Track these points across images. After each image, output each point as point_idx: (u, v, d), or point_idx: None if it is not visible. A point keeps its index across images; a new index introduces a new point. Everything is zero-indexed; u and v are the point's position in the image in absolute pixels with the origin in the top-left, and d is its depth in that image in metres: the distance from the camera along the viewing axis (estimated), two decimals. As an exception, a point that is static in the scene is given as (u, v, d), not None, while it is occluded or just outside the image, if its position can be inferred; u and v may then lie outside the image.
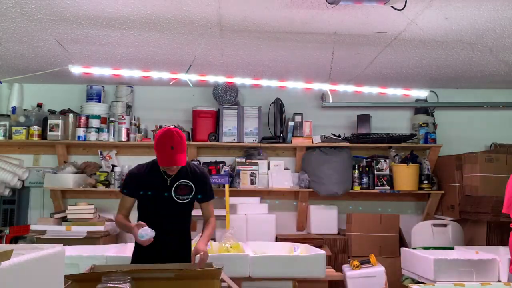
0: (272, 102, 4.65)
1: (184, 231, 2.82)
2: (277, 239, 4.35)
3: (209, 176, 2.97)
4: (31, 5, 2.76)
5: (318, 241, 4.13)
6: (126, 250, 3.53)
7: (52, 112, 4.52)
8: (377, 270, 3.72)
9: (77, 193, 4.51)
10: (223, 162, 4.58)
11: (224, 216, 4.07)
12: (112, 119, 4.47)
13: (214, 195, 2.93)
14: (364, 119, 4.67)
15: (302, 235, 4.56)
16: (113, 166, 4.54)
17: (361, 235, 4.27)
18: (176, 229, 2.77)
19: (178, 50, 3.58)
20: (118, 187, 4.43)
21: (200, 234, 2.87)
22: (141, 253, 2.70)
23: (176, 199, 2.73)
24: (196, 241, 3.33)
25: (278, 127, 4.56)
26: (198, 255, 2.58)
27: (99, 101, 4.58)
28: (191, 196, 2.77)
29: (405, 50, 3.57)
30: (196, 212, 2.90)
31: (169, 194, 2.72)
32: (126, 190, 2.78)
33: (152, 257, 2.58)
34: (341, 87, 3.85)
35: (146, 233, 2.47)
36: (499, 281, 3.20)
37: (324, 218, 4.54)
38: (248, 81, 3.79)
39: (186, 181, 2.76)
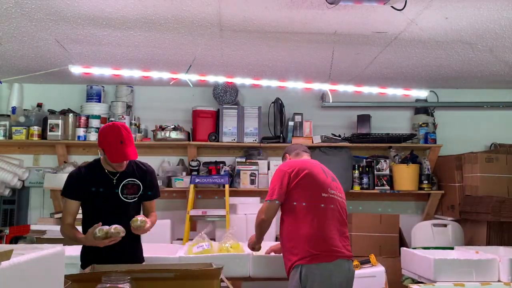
0: (272, 102, 4.65)
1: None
2: (277, 239, 4.34)
3: (155, 174, 2.88)
4: (31, 5, 2.76)
5: (318, 241, 4.13)
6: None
7: (52, 112, 4.52)
8: (377, 270, 3.71)
9: (77, 193, 4.51)
10: (223, 162, 4.58)
11: (224, 216, 4.07)
12: (112, 119, 4.48)
13: (159, 193, 2.86)
14: (364, 119, 4.67)
15: (302, 235, 4.56)
16: (113, 166, 4.54)
17: (361, 235, 4.27)
18: (124, 228, 2.55)
19: (178, 50, 3.58)
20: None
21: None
22: (90, 256, 2.59)
23: (124, 199, 2.64)
24: (195, 241, 3.34)
25: (278, 127, 4.56)
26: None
27: (99, 101, 4.59)
28: (138, 194, 2.69)
29: (405, 50, 3.57)
30: (195, 212, 2.88)
31: (116, 193, 2.62)
32: (69, 192, 2.61)
33: (102, 259, 2.43)
34: (341, 87, 3.85)
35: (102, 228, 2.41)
36: (499, 281, 3.19)
37: (324, 218, 4.53)
38: (248, 81, 3.79)
39: (133, 179, 2.68)
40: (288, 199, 2.75)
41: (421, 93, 4.10)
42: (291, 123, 4.50)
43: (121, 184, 2.64)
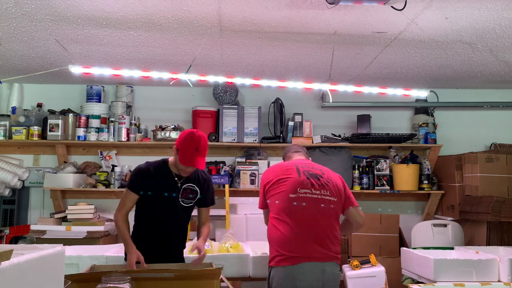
0: (272, 102, 4.65)
1: (182, 234, 2.85)
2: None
3: (212, 182, 2.99)
4: (31, 5, 2.76)
5: (318, 241, 4.12)
6: (126, 250, 3.53)
7: (52, 112, 4.52)
8: (377, 270, 3.71)
9: (77, 193, 4.52)
10: (223, 162, 4.58)
11: (224, 216, 4.07)
12: (112, 119, 4.47)
13: (215, 201, 2.98)
14: (364, 119, 4.67)
15: (302, 235, 4.56)
16: (113, 166, 4.54)
17: (361, 235, 4.26)
18: (176, 231, 2.77)
19: (178, 50, 3.58)
20: (118, 187, 4.43)
21: (197, 233, 2.91)
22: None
23: (181, 202, 2.74)
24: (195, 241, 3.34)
25: (278, 127, 4.57)
26: (197, 252, 2.63)
27: (99, 101, 4.58)
28: (195, 200, 2.80)
29: (405, 50, 3.57)
30: (195, 212, 2.92)
31: (176, 196, 2.72)
32: (134, 186, 2.70)
33: (148, 258, 2.56)
34: (341, 87, 3.85)
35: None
36: (499, 281, 3.20)
37: (324, 218, 4.53)
38: (248, 81, 3.79)
39: (193, 185, 2.79)
40: (269, 203, 2.87)
41: (421, 93, 4.10)
42: (291, 123, 4.50)
43: (182, 188, 2.75)
